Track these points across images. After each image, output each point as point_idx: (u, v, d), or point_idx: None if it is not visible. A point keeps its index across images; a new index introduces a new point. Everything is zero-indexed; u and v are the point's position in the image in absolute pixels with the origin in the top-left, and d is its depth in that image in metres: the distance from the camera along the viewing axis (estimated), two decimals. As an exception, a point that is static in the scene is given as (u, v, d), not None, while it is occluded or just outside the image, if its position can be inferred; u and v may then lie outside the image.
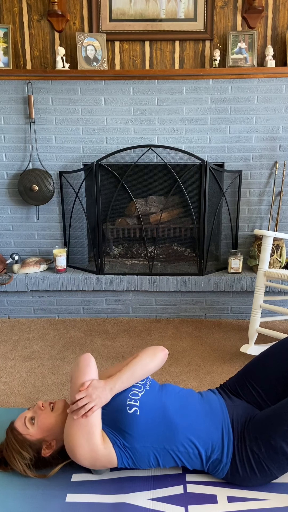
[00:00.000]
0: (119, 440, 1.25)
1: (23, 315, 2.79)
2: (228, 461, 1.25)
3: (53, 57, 2.73)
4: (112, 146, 2.73)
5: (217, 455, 1.26)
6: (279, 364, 1.43)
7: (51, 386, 1.95)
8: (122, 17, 2.65)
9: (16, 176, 2.78)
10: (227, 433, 1.28)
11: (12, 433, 1.31)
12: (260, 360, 1.48)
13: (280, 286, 2.13)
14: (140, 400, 1.29)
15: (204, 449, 1.26)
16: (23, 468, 1.28)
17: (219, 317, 2.75)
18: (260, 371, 1.46)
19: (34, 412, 1.35)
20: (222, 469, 1.27)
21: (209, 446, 1.26)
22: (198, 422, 1.28)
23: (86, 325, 2.66)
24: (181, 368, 2.10)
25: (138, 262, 2.91)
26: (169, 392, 1.37)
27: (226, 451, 1.25)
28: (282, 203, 2.79)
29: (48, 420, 1.32)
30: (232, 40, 2.60)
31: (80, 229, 2.88)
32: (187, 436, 1.26)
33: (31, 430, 1.31)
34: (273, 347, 1.50)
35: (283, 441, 1.20)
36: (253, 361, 1.50)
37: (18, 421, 1.34)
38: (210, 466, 1.28)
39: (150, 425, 1.25)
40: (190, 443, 1.25)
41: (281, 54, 2.68)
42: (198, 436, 1.26)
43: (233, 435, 1.28)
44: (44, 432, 1.31)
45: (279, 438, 1.21)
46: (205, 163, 2.49)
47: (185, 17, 2.64)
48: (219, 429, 1.28)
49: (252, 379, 1.46)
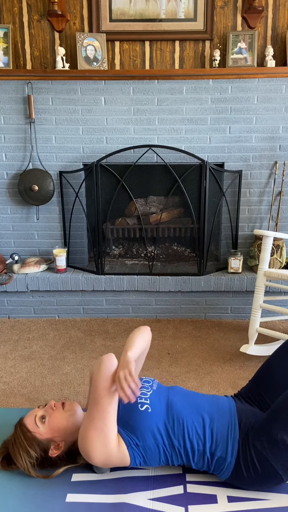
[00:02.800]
0: (133, 440, 1.27)
1: (23, 315, 2.79)
2: (233, 460, 1.25)
3: (53, 57, 2.73)
4: (112, 146, 2.73)
5: (221, 452, 1.25)
6: (285, 365, 1.43)
7: (51, 386, 1.95)
8: (122, 17, 2.65)
9: (16, 176, 2.78)
10: (233, 431, 1.28)
11: (21, 430, 1.31)
12: (267, 365, 1.49)
13: (280, 286, 2.13)
14: (149, 398, 1.32)
15: (208, 444, 1.26)
16: (28, 466, 1.28)
17: (219, 317, 2.75)
18: (268, 376, 1.46)
19: (45, 411, 1.35)
20: (227, 469, 1.26)
21: (213, 442, 1.26)
22: (204, 418, 1.30)
23: (86, 325, 2.66)
24: (181, 368, 2.10)
25: (138, 262, 2.91)
26: (176, 392, 1.39)
27: (231, 449, 1.25)
28: (282, 203, 2.79)
29: (59, 421, 1.32)
30: (232, 40, 2.60)
31: (80, 229, 2.88)
32: (193, 432, 1.27)
33: (41, 429, 1.31)
34: (277, 350, 1.50)
35: (284, 433, 1.20)
36: (261, 367, 1.51)
37: (28, 418, 1.34)
38: (215, 465, 1.27)
39: (160, 422, 1.27)
40: (196, 438, 1.27)
41: (281, 54, 2.68)
42: (203, 432, 1.27)
43: (239, 434, 1.28)
44: (54, 432, 1.31)
45: (280, 430, 1.20)
46: (205, 163, 2.49)
47: (185, 17, 2.64)
48: (225, 427, 1.29)
49: (262, 385, 1.46)
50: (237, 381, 1.96)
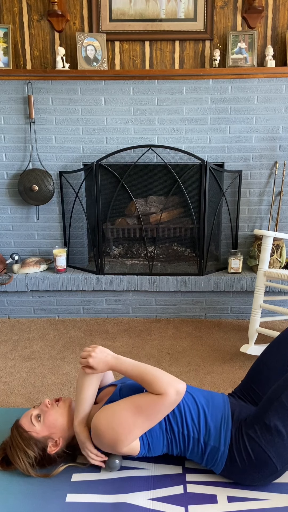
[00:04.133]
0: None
1: (23, 315, 2.79)
2: (226, 449, 1.26)
3: (53, 57, 2.73)
4: (112, 146, 2.73)
5: (214, 442, 1.27)
6: (277, 359, 1.45)
7: (51, 386, 1.95)
8: (122, 17, 2.65)
9: (16, 176, 2.78)
10: (226, 422, 1.30)
11: (18, 431, 1.31)
12: (260, 361, 1.51)
13: (280, 286, 2.13)
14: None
15: (202, 433, 1.28)
16: (26, 467, 1.28)
17: (219, 317, 2.75)
18: (262, 372, 1.48)
19: (40, 409, 1.35)
20: (220, 459, 1.26)
21: (207, 431, 1.28)
22: (199, 408, 1.31)
23: (86, 325, 2.66)
24: (181, 368, 2.10)
25: (138, 262, 2.91)
26: None
27: (224, 438, 1.26)
28: (282, 203, 2.79)
29: (54, 417, 1.33)
30: (232, 40, 2.60)
31: (80, 229, 2.88)
32: (190, 418, 1.29)
33: (37, 427, 1.31)
34: (269, 346, 1.53)
35: (277, 419, 1.22)
36: (254, 364, 1.52)
37: (24, 418, 1.34)
38: (209, 456, 1.28)
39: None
40: (192, 425, 1.28)
41: (281, 54, 2.68)
42: (198, 420, 1.29)
43: (232, 425, 1.29)
44: (50, 429, 1.32)
45: (273, 418, 1.22)
46: (205, 163, 2.49)
47: (185, 17, 2.64)
48: (218, 418, 1.30)
49: (255, 379, 1.48)
50: (237, 381, 1.96)
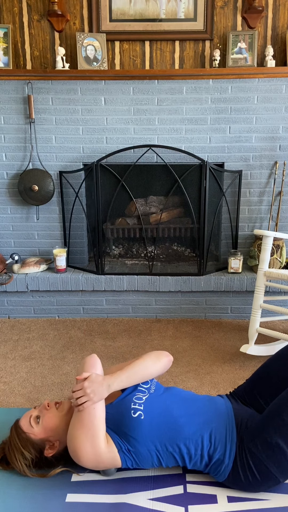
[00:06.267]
0: (124, 445, 1.26)
1: (23, 315, 2.79)
2: (230, 463, 1.24)
3: (53, 57, 2.73)
4: (112, 146, 2.73)
5: (219, 455, 1.25)
6: (282, 369, 1.42)
7: (51, 386, 1.95)
8: (122, 17, 2.65)
9: (16, 176, 2.78)
10: (231, 433, 1.27)
11: (16, 432, 1.31)
12: (265, 367, 1.48)
13: (280, 286, 2.13)
14: (144, 404, 1.29)
15: (206, 449, 1.25)
16: (23, 468, 1.28)
17: (219, 317, 2.75)
18: (265, 378, 1.45)
19: (39, 411, 1.35)
20: (224, 471, 1.25)
21: (212, 445, 1.26)
22: (202, 422, 1.28)
23: (86, 325, 2.66)
24: (181, 368, 2.10)
25: (138, 262, 2.91)
26: (174, 395, 1.37)
27: (229, 451, 1.25)
28: (282, 203, 2.79)
29: (53, 420, 1.32)
30: (232, 40, 2.60)
31: (80, 229, 2.88)
32: (190, 437, 1.26)
33: (35, 429, 1.31)
34: (276, 354, 1.49)
35: (278, 436, 1.19)
36: (259, 369, 1.50)
37: (23, 419, 1.34)
38: (212, 467, 1.27)
39: (154, 429, 1.25)
40: (194, 442, 1.25)
41: (281, 54, 2.68)
42: (201, 436, 1.26)
43: (236, 437, 1.27)
44: (48, 432, 1.31)
45: (274, 433, 1.20)
46: (205, 163, 2.49)
47: (185, 17, 2.64)
48: (223, 429, 1.28)
49: (258, 387, 1.46)
50: (237, 381, 1.96)
